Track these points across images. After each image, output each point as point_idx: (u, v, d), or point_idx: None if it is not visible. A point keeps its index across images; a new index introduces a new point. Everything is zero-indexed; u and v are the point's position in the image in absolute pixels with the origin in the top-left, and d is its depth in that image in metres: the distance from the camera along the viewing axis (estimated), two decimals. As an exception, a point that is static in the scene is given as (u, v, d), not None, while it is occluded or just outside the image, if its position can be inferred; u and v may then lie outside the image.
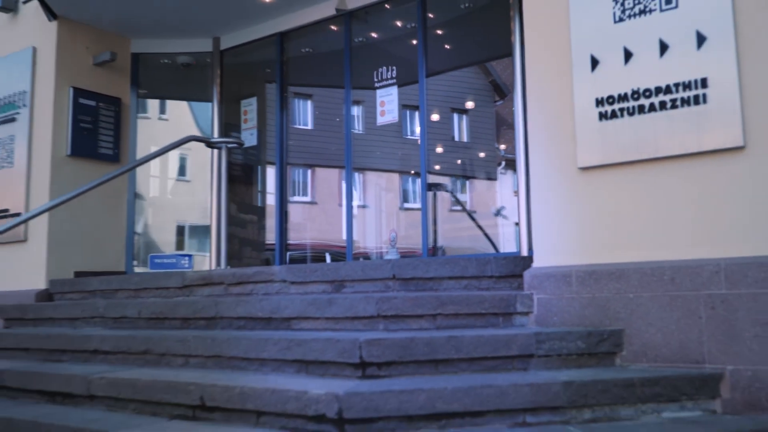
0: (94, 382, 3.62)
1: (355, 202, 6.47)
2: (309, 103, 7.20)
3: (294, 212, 6.90)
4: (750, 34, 3.13)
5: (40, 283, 6.19)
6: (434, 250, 5.95)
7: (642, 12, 3.39)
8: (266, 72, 7.14)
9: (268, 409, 2.93)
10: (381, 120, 6.11)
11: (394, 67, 6.09)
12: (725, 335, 3.03)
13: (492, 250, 5.88)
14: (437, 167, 6.26)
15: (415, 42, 6.11)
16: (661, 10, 3.34)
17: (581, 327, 3.37)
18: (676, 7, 3.30)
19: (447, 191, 6.33)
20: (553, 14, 3.71)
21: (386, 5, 6.20)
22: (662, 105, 3.30)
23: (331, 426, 2.75)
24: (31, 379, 4.00)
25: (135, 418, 3.31)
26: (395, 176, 6.93)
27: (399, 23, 6.41)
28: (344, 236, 6.46)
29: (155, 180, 7.35)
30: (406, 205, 6.70)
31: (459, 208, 6.46)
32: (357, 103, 6.50)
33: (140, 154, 6.95)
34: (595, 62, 3.51)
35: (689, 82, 3.24)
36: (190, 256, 6.91)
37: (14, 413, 3.63)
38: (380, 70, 6.15)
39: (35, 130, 6.54)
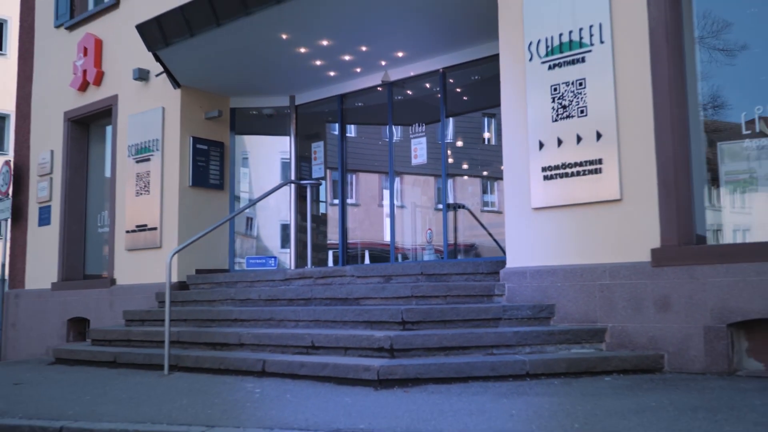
0: (244, 335, 6.11)
1: (395, 200, 8.67)
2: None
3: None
4: (625, 135, 5.44)
5: (174, 277, 8.73)
6: (455, 247, 8.18)
7: (567, 117, 5.72)
8: (329, 118, 9.57)
9: (351, 345, 5.36)
10: (414, 161, 8.52)
11: (424, 124, 8.49)
12: (608, 307, 5.36)
13: (500, 252, 7.96)
14: (465, 173, 8.40)
15: (439, 96, 8.45)
16: (578, 117, 5.67)
17: (531, 303, 5.72)
18: (587, 115, 5.62)
19: (465, 208, 8.59)
20: (517, 114, 6.06)
21: (418, 78, 8.57)
22: (578, 173, 5.63)
23: (386, 353, 5.15)
24: (198, 336, 6.51)
25: (273, 354, 5.78)
26: (431, 179, 8.99)
27: (427, 85, 8.76)
28: (386, 238, 8.80)
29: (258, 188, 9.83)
30: (441, 206, 8.42)
31: (487, 208, 8.58)
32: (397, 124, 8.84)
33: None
34: (541, 145, 5.86)
35: (592, 160, 5.56)
36: (275, 258, 9.42)
37: (197, 354, 6.15)
38: (413, 126, 8.56)
39: (165, 168, 9.10)
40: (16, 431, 4.32)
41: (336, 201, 9.21)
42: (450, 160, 8.36)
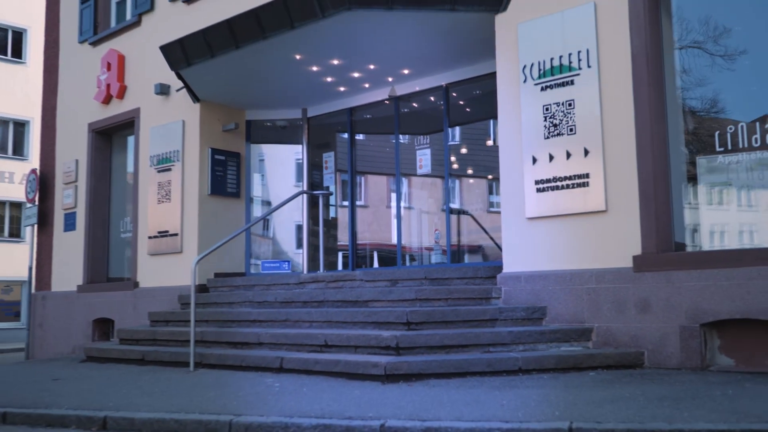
0: (263, 335, 6.67)
1: (402, 203, 9.21)
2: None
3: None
4: (610, 152, 5.96)
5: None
6: (458, 249, 8.68)
7: (558, 134, 6.25)
8: (339, 129, 10.12)
9: (361, 344, 5.91)
10: (420, 171, 9.07)
11: (428, 137, 9.03)
12: (594, 308, 5.88)
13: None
14: (472, 176, 8.93)
15: (442, 108, 8.98)
16: (568, 135, 6.19)
17: (525, 305, 6.25)
18: (575, 134, 6.14)
19: (468, 214, 9.09)
20: (513, 131, 6.58)
21: (423, 92, 9.11)
22: (567, 186, 6.15)
23: (393, 351, 5.69)
24: (220, 336, 7.07)
25: (290, 352, 6.33)
26: (438, 181, 9.45)
27: (432, 99, 9.29)
28: (394, 240, 9.29)
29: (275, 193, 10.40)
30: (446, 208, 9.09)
31: (493, 209, 9.03)
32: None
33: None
34: (534, 160, 6.38)
35: (581, 174, 6.08)
36: (288, 261, 9.98)
37: (219, 352, 6.71)
38: (419, 137, 9.11)
39: (186, 177, 9.67)
40: (64, 420, 4.89)
41: (345, 203, 9.75)
42: (455, 166, 8.88)
